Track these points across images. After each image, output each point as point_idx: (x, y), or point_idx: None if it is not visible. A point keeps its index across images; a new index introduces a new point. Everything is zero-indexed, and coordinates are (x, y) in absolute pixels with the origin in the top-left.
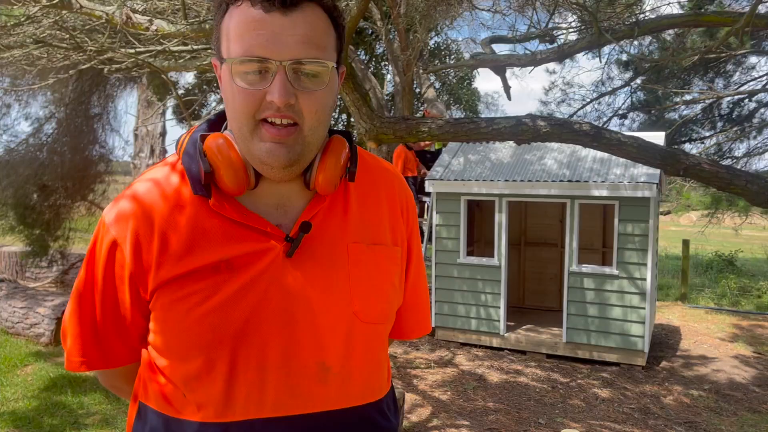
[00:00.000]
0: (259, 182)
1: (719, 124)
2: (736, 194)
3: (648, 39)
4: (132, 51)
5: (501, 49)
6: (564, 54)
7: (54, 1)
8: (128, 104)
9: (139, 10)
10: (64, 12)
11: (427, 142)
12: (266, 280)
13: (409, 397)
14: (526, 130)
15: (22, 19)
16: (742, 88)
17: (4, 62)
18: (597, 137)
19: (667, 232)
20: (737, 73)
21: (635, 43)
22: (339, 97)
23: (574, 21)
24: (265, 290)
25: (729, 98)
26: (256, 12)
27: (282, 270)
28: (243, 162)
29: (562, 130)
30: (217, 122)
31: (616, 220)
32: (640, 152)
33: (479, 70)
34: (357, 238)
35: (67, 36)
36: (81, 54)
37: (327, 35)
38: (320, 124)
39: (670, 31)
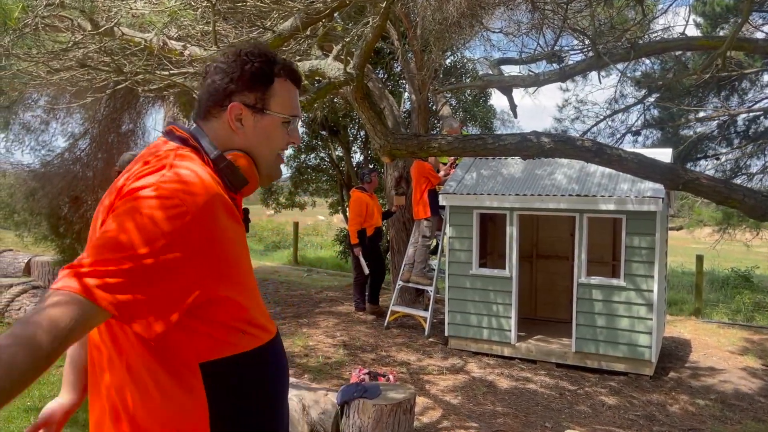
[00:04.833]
0: None
1: (735, 141)
2: (734, 208)
3: (657, 59)
4: (166, 73)
5: (510, 69)
6: (565, 75)
7: (100, 30)
8: (156, 121)
9: (174, 36)
10: (106, 38)
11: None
12: (246, 246)
13: (421, 401)
14: (530, 146)
15: (70, 45)
16: (756, 105)
17: (50, 83)
18: (598, 153)
19: (687, 248)
20: (752, 91)
21: (646, 62)
22: (356, 114)
23: (577, 44)
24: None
25: (744, 115)
26: (294, 88)
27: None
28: None
29: (565, 146)
30: (187, 138)
31: (623, 234)
32: (640, 167)
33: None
34: None
35: (109, 60)
36: (120, 75)
37: None
38: None
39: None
